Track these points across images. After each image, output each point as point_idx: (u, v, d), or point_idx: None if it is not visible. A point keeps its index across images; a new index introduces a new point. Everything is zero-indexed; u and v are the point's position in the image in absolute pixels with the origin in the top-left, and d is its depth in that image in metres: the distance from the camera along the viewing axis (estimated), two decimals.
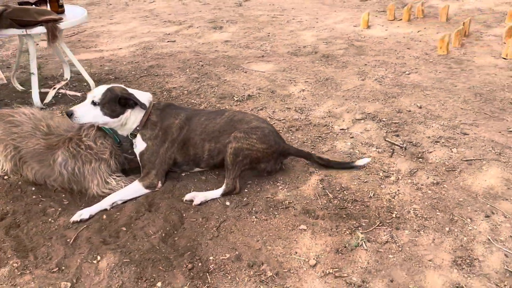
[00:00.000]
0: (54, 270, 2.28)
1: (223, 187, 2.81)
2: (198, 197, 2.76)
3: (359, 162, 3.01)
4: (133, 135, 2.90)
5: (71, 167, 2.80)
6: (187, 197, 2.78)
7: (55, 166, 2.82)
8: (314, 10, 8.01)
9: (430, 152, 3.20)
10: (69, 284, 2.18)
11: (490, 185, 2.82)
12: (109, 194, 2.80)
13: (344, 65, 5.10)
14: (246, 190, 2.87)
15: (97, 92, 2.80)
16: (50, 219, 2.66)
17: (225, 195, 2.80)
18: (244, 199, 2.78)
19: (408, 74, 4.75)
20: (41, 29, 3.73)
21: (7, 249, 2.41)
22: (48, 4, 4.11)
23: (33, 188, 2.92)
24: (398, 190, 2.80)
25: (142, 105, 2.82)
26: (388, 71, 4.86)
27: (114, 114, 2.80)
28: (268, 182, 2.94)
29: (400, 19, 7.00)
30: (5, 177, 3.02)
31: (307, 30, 6.72)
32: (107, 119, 2.79)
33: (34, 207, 2.76)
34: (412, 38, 6.11)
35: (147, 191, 2.83)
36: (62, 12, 4.14)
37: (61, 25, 3.83)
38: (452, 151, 3.20)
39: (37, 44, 5.85)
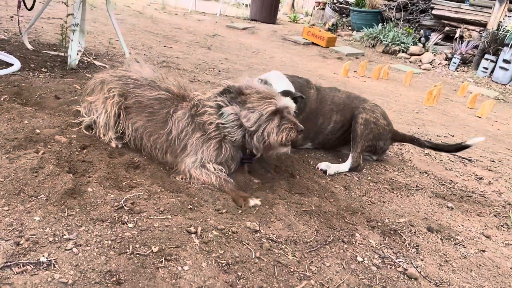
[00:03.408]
0: (223, 211, 1.85)
1: (350, 161, 2.65)
2: (331, 168, 2.56)
3: (471, 141, 2.78)
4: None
5: (183, 126, 2.13)
6: (322, 166, 2.56)
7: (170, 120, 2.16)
8: (287, 56, 8.35)
9: (496, 167, 3.42)
10: (256, 224, 1.78)
11: None
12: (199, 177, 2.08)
13: None
14: (365, 171, 2.72)
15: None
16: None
17: (350, 171, 2.63)
18: (369, 177, 2.64)
19: (417, 112, 5.12)
20: None
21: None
22: None
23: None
24: (499, 190, 2.91)
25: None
26: (399, 108, 5.20)
27: None
28: (380, 167, 2.85)
29: (368, 77, 7.63)
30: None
31: (293, 68, 6.95)
32: None
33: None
34: (391, 91, 6.67)
35: None
36: None
37: None
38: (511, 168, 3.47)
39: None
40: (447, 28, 10.53)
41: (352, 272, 1.63)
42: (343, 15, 12.94)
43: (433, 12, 10.68)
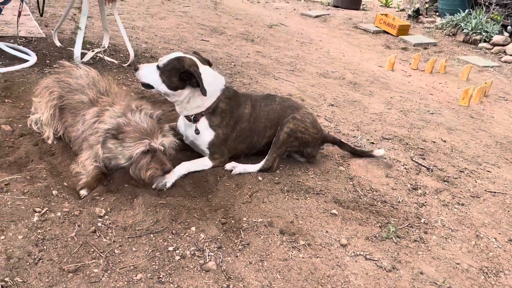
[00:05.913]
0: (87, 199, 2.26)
1: (262, 163, 2.84)
2: (237, 167, 2.79)
3: (376, 153, 3.29)
4: (196, 119, 2.73)
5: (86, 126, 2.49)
6: (228, 166, 2.80)
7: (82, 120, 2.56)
8: (341, 47, 8.27)
9: (455, 178, 3.27)
10: (103, 211, 2.16)
11: None
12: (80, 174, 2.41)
13: (371, 94, 5.24)
14: (278, 172, 2.90)
15: (166, 57, 2.61)
16: None
17: (261, 171, 2.83)
18: (276, 178, 2.81)
19: (432, 113, 4.89)
20: None
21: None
22: None
23: None
24: (426, 202, 2.86)
25: (203, 90, 2.56)
26: (413, 107, 5.01)
27: (172, 86, 2.58)
28: (300, 169, 2.98)
29: (422, 70, 7.25)
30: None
31: (333, 60, 6.93)
32: (164, 88, 2.59)
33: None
34: (432, 87, 6.32)
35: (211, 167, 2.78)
36: None
37: None
38: (476, 182, 3.28)
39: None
40: None
41: (151, 258, 1.93)
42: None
43: None
